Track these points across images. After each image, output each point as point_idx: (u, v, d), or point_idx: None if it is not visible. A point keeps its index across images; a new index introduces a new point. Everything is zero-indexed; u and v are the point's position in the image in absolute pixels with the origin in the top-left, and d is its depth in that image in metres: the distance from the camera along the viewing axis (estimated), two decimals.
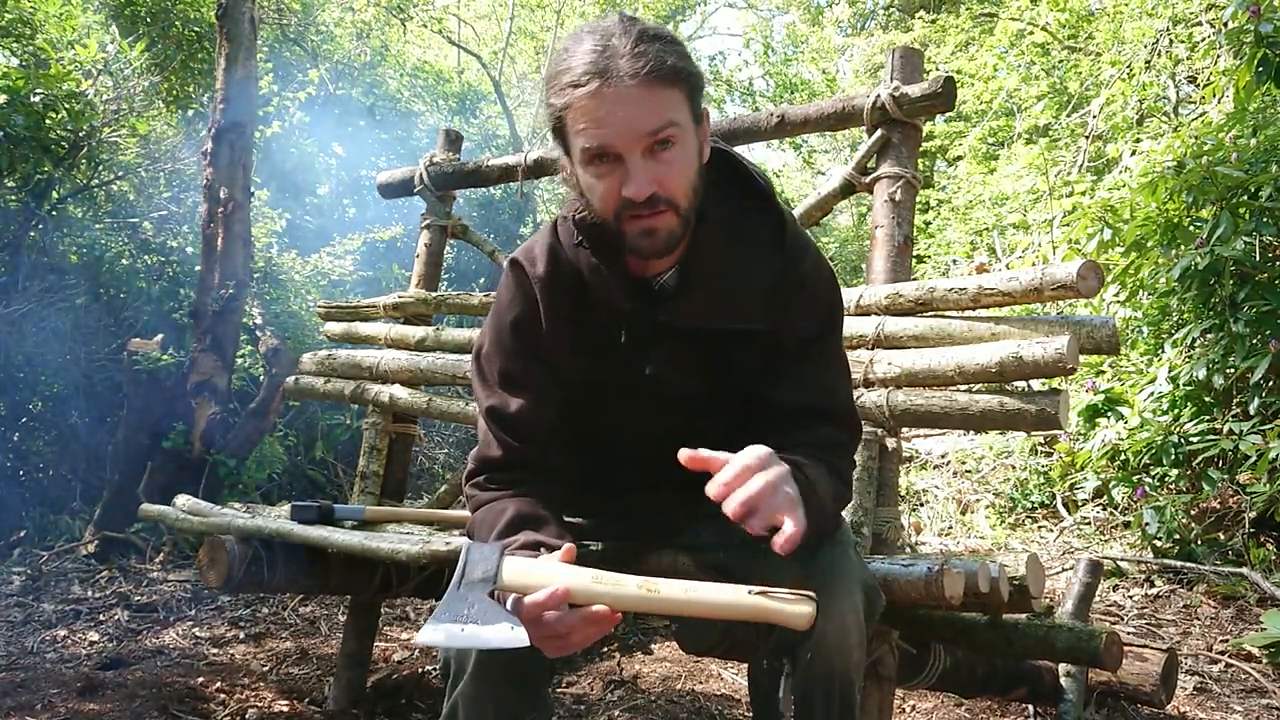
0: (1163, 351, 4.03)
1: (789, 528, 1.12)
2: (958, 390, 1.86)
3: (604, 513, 1.58)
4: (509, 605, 1.13)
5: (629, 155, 1.21)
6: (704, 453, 1.16)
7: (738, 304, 1.36)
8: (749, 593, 1.11)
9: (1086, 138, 7.19)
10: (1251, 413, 3.54)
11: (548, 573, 1.13)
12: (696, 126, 1.27)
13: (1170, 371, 3.87)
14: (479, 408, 1.46)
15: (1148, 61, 6.32)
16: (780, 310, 1.37)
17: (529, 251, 1.44)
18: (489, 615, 1.10)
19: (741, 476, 1.13)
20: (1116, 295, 4.38)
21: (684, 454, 1.16)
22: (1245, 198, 3.73)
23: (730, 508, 1.12)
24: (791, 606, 1.10)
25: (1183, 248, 3.78)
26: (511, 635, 1.08)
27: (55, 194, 5.21)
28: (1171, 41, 6.19)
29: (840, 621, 1.25)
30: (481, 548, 1.15)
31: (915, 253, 2.31)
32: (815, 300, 1.40)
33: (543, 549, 1.24)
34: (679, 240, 1.29)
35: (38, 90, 4.71)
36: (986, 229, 7.67)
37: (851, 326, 1.98)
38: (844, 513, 1.44)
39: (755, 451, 1.16)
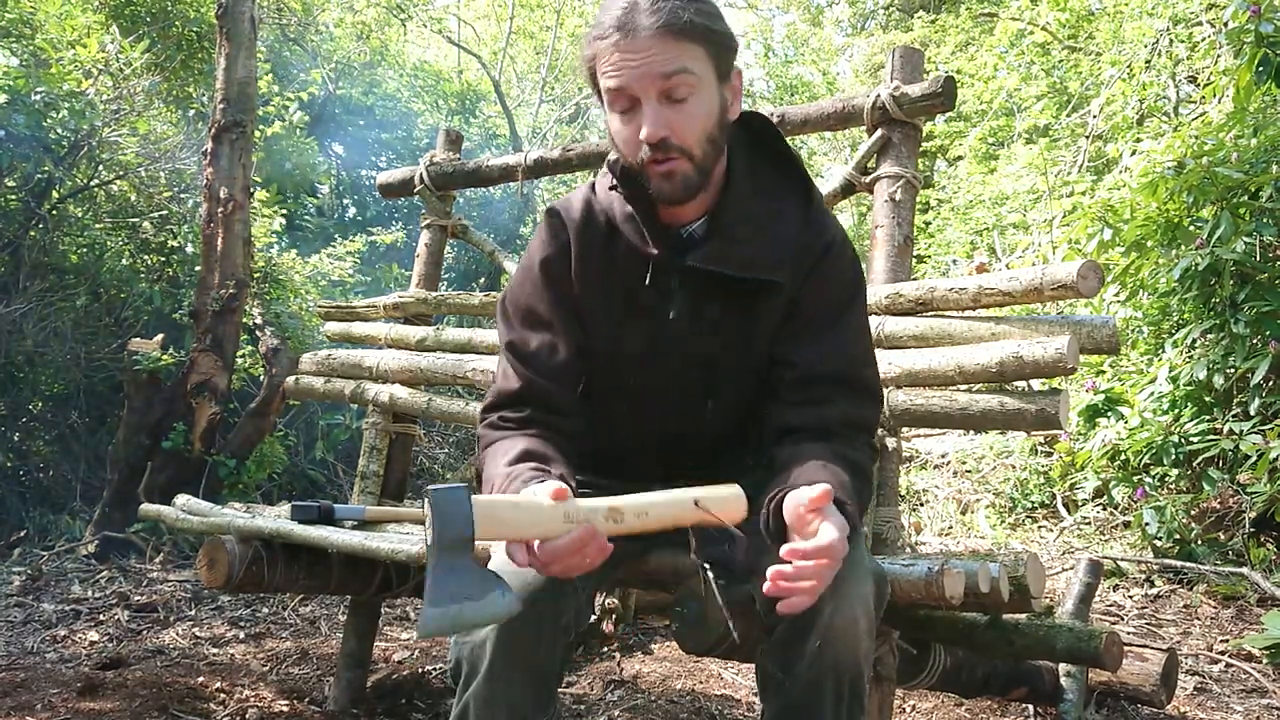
0: (1163, 351, 4.03)
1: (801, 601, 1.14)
2: (958, 390, 1.86)
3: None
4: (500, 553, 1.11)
5: (645, 99, 1.30)
6: (814, 494, 1.15)
7: (762, 256, 1.40)
8: (693, 502, 1.13)
9: (1086, 138, 7.19)
10: (1252, 413, 3.54)
11: (520, 516, 1.09)
12: (720, 83, 1.35)
13: (1170, 371, 3.87)
14: (500, 344, 1.50)
15: (1148, 61, 6.32)
16: (804, 272, 1.41)
17: (566, 201, 1.52)
18: (478, 586, 1.05)
19: (824, 560, 1.12)
20: (1117, 295, 4.38)
21: (805, 496, 1.15)
22: (1245, 198, 3.73)
23: (793, 599, 1.13)
24: (724, 504, 1.13)
25: (1183, 248, 3.78)
26: (504, 605, 1.05)
27: (55, 194, 5.21)
28: (1172, 41, 6.19)
29: (849, 611, 1.24)
30: (447, 496, 1.04)
31: (915, 253, 2.31)
32: (840, 269, 1.44)
33: (552, 470, 1.25)
34: (696, 188, 1.36)
35: (38, 90, 4.71)
36: (986, 229, 7.67)
37: None
38: None
39: (842, 534, 1.14)
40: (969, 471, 5.34)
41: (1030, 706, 2.49)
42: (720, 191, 1.42)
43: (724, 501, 1.16)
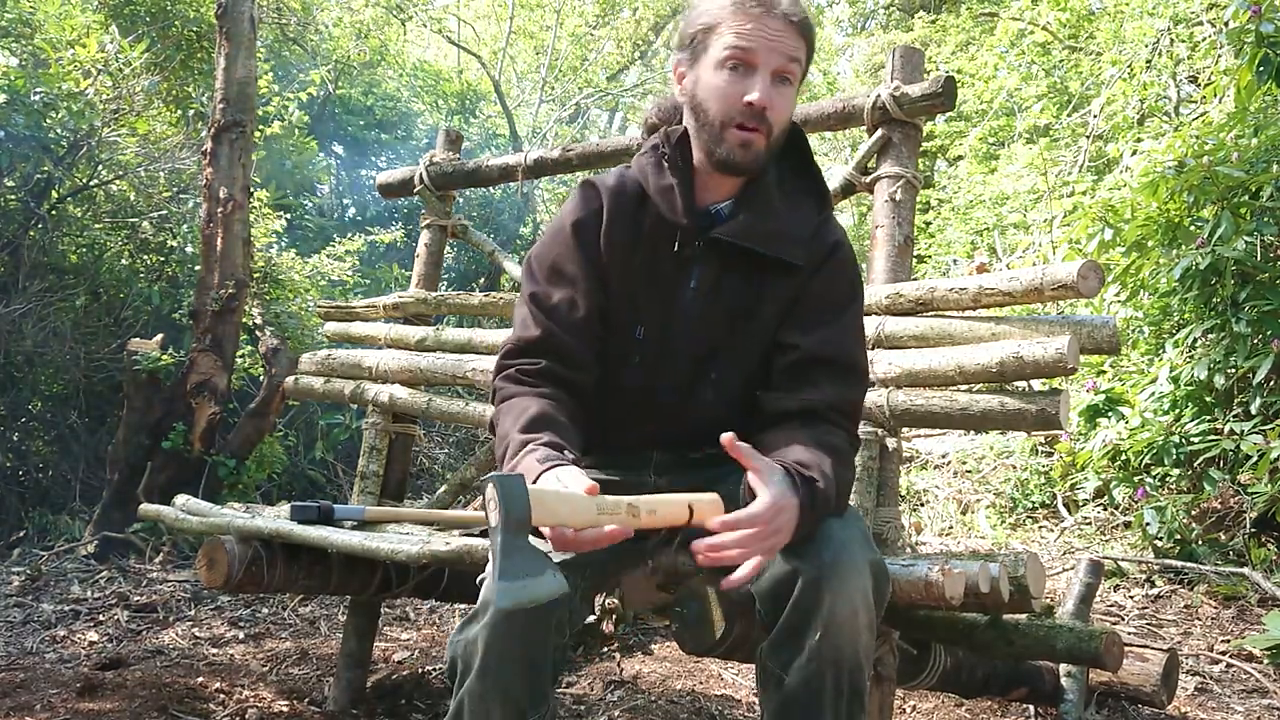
0: (1163, 351, 4.03)
1: (746, 570, 1.21)
2: (958, 390, 1.85)
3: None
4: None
5: (763, 70, 1.42)
6: (744, 447, 1.25)
7: (783, 238, 1.51)
8: (687, 505, 1.25)
9: (1087, 137, 7.19)
10: (1253, 413, 3.53)
11: (564, 508, 1.18)
12: (801, 84, 1.50)
13: (1171, 371, 3.86)
14: (521, 298, 1.55)
15: (1148, 61, 6.32)
16: (814, 267, 1.51)
17: (601, 175, 1.61)
18: (536, 565, 1.14)
19: (752, 528, 1.21)
20: (1117, 295, 4.37)
21: (726, 438, 1.24)
22: (1246, 197, 3.72)
23: (737, 571, 1.21)
24: (709, 507, 1.26)
25: (1183, 248, 3.78)
26: (556, 583, 1.14)
27: (55, 194, 5.21)
28: (1172, 41, 6.19)
29: (850, 603, 1.25)
30: (510, 482, 1.15)
31: (915, 253, 2.31)
32: (845, 270, 1.54)
33: (566, 451, 1.31)
34: (761, 164, 1.48)
35: (37, 90, 4.71)
36: (987, 229, 7.67)
37: None
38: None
39: (775, 504, 1.23)
40: (969, 471, 5.34)
41: (1030, 707, 2.49)
42: (749, 180, 1.52)
43: (710, 505, 1.27)
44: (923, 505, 5.11)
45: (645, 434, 1.57)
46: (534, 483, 1.22)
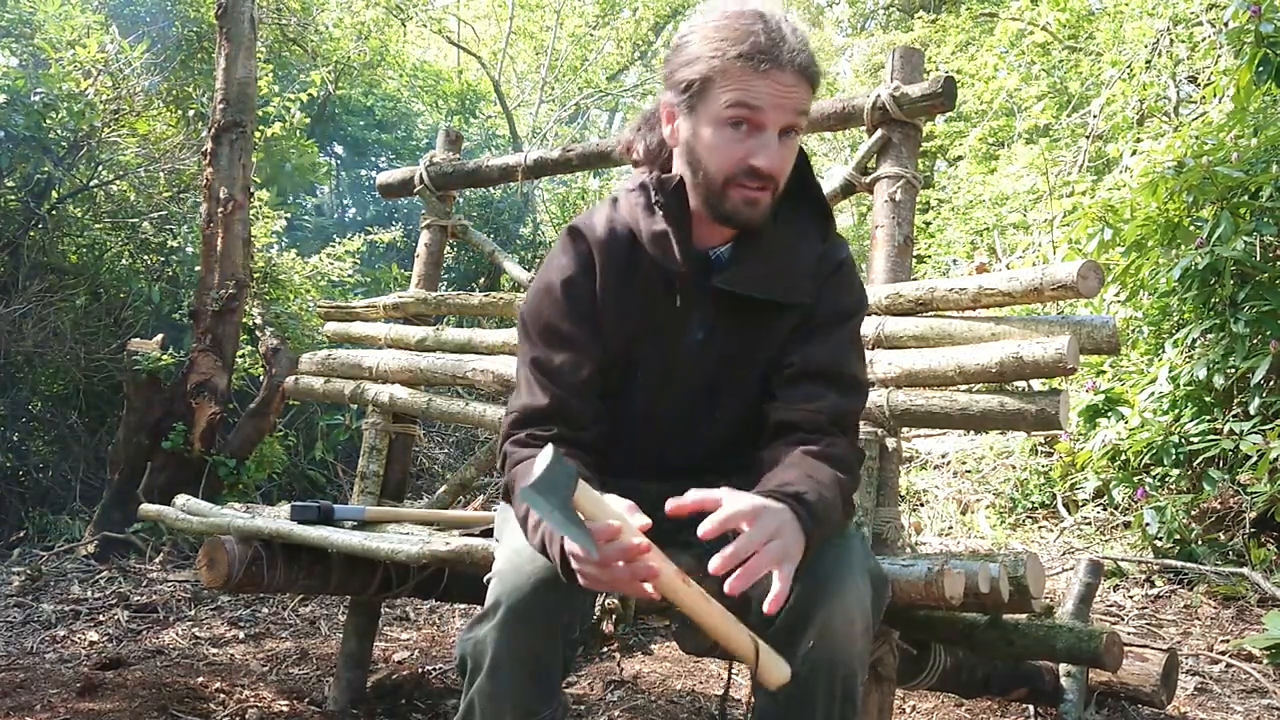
0: (1163, 351, 4.03)
1: (776, 586, 1.13)
2: (958, 390, 1.85)
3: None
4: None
5: (771, 129, 1.32)
6: (693, 495, 1.18)
7: (789, 278, 1.46)
8: (749, 637, 1.17)
9: (1087, 138, 7.18)
10: (1252, 413, 3.53)
11: (612, 511, 1.14)
12: None
13: (1171, 371, 3.86)
14: (521, 361, 1.50)
15: (1148, 61, 6.31)
16: (818, 287, 1.47)
17: (587, 219, 1.52)
18: (574, 526, 1.10)
19: (731, 524, 1.15)
20: (1117, 295, 4.37)
21: (671, 504, 1.18)
22: (1245, 197, 3.72)
23: (713, 565, 1.13)
24: (772, 665, 1.17)
25: (1183, 248, 3.78)
26: (588, 550, 1.10)
27: (55, 194, 5.21)
28: (1172, 41, 6.19)
29: (845, 610, 1.25)
30: (555, 466, 1.11)
31: (915, 253, 2.31)
32: (847, 287, 1.50)
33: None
34: (767, 215, 1.40)
35: (37, 90, 4.71)
36: (986, 229, 7.67)
37: None
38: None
39: (746, 501, 1.17)
40: (969, 471, 5.34)
41: (1030, 707, 2.49)
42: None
43: (773, 665, 1.19)
44: (923, 505, 5.11)
45: (649, 460, 1.55)
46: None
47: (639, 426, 1.52)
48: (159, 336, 4.76)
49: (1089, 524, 4.40)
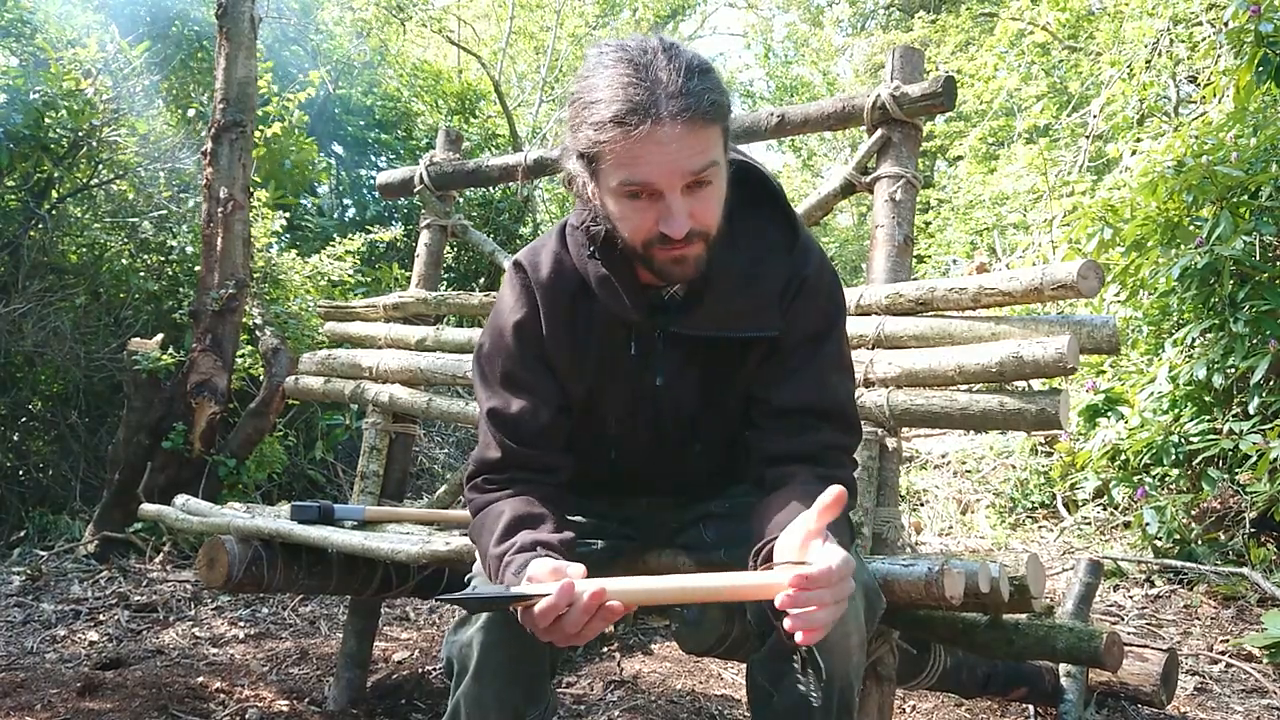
0: (1163, 351, 4.03)
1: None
2: (958, 390, 1.85)
3: (604, 515, 1.58)
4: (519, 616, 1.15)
5: (670, 194, 1.20)
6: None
7: (750, 311, 1.36)
8: (737, 578, 1.12)
9: (1086, 137, 7.19)
10: (1251, 412, 3.54)
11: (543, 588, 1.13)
12: (726, 156, 1.26)
13: (1170, 371, 3.87)
14: (480, 409, 1.46)
15: (1148, 61, 6.32)
16: (784, 308, 1.38)
17: (533, 255, 1.44)
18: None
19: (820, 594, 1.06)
20: (1116, 295, 4.37)
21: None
22: (1245, 197, 3.72)
23: (798, 630, 1.06)
24: (770, 583, 1.08)
25: (1183, 247, 3.78)
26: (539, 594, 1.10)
27: (55, 193, 5.21)
28: (1172, 41, 6.19)
29: (842, 625, 1.24)
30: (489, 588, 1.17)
31: (915, 253, 2.31)
32: (816, 301, 1.40)
33: (540, 548, 1.23)
34: (705, 263, 1.29)
35: (37, 90, 4.71)
36: (986, 229, 7.68)
37: (852, 326, 1.97)
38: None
39: (840, 564, 1.07)
40: (969, 471, 5.34)
41: (1030, 706, 2.49)
42: None
43: (770, 582, 1.12)
44: (923, 505, 5.11)
45: (638, 505, 1.56)
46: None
47: (620, 456, 1.50)
48: (159, 336, 4.76)
49: (1089, 524, 4.40)
